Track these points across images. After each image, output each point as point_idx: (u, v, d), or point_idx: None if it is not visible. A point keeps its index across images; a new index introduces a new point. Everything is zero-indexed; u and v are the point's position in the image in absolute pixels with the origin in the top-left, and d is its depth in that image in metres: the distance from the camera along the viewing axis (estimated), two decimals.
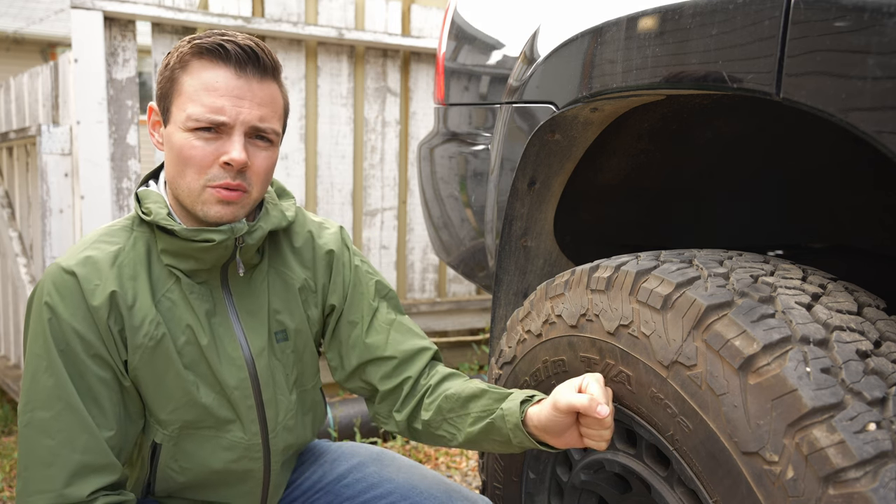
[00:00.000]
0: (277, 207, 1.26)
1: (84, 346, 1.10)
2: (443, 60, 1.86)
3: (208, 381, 1.19)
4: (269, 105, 1.13)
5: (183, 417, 1.19)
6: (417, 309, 3.43)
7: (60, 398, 1.09)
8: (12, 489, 2.50)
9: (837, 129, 0.96)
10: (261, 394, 1.23)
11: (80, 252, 1.14)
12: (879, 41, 0.78)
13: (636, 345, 1.03)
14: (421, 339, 1.34)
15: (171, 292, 1.17)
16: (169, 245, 1.15)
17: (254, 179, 1.13)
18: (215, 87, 1.09)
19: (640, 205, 1.68)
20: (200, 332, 1.17)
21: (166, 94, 1.13)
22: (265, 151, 1.14)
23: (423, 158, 2.03)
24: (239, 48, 1.09)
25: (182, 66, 1.11)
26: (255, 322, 1.23)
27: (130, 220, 1.20)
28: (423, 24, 3.36)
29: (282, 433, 1.28)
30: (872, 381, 0.83)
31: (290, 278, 1.28)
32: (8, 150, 3.36)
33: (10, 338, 3.41)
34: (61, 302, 1.10)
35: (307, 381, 1.33)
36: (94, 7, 2.60)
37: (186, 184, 1.12)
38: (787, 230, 1.78)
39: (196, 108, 1.08)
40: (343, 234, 1.38)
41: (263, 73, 1.12)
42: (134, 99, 2.74)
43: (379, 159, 3.34)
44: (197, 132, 1.09)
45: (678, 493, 1.05)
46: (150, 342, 1.14)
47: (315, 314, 1.32)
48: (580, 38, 1.26)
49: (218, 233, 1.12)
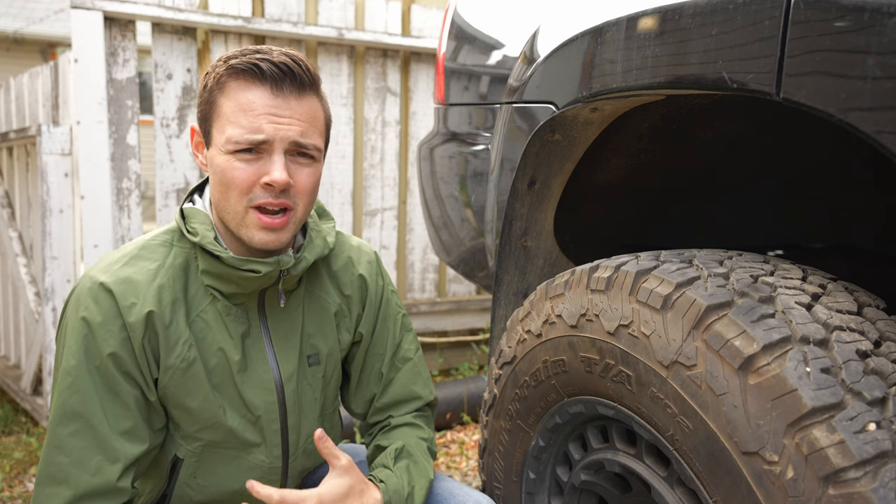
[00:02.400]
0: (321, 235, 1.25)
1: (117, 363, 1.09)
2: (443, 60, 1.86)
3: (235, 403, 1.19)
4: (309, 120, 1.11)
5: (208, 437, 1.18)
6: (417, 309, 3.43)
7: (82, 416, 1.08)
8: (12, 489, 2.50)
9: (837, 129, 0.96)
10: (286, 418, 1.24)
11: (118, 267, 1.13)
12: (879, 41, 0.78)
13: (636, 345, 1.03)
14: (423, 387, 1.39)
15: (206, 312, 1.16)
16: (212, 268, 1.14)
17: (298, 198, 1.12)
18: (252, 108, 1.07)
19: (640, 205, 1.68)
20: (234, 353, 1.17)
21: (206, 116, 1.13)
22: (308, 168, 1.12)
23: (423, 158, 2.03)
24: (274, 66, 1.07)
25: (219, 88, 1.10)
26: (288, 346, 1.23)
27: (171, 235, 1.18)
28: (423, 24, 3.36)
29: (301, 457, 1.29)
30: (872, 381, 0.83)
31: (327, 303, 1.29)
32: (8, 150, 3.36)
33: (10, 338, 3.41)
34: (99, 316, 1.09)
35: (329, 406, 1.35)
36: (94, 7, 2.60)
37: (231, 207, 1.10)
38: (787, 230, 1.78)
39: (235, 130, 1.07)
40: (378, 261, 1.39)
41: (301, 88, 1.10)
42: (134, 99, 2.74)
43: (379, 159, 3.34)
44: (237, 154, 1.08)
45: (678, 493, 1.05)
46: (183, 364, 1.13)
47: (346, 339, 1.33)
48: (580, 38, 1.26)
49: (264, 265, 1.12)
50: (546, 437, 1.31)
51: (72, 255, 2.80)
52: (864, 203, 1.60)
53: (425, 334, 3.53)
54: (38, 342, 2.87)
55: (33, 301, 3.01)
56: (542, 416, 1.29)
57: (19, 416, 3.15)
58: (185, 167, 2.88)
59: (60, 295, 2.76)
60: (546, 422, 1.29)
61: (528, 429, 1.33)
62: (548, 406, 1.27)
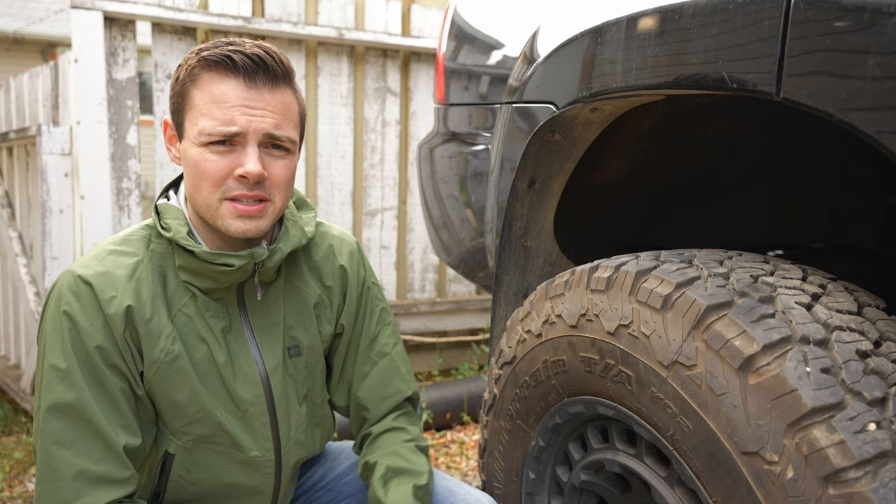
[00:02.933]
0: (297, 225, 1.25)
1: (103, 356, 1.09)
2: (443, 60, 1.86)
3: (221, 398, 1.18)
4: (283, 112, 1.11)
5: (197, 431, 1.18)
6: (417, 309, 3.43)
7: (77, 409, 1.07)
8: (12, 489, 2.50)
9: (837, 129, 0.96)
10: (275, 410, 1.23)
11: (96, 261, 1.12)
12: (879, 41, 0.78)
13: (636, 345, 1.03)
14: (401, 382, 1.37)
15: (187, 307, 1.16)
16: (187, 263, 1.14)
17: (274, 189, 1.11)
18: (225, 100, 1.06)
19: (640, 205, 1.68)
20: (217, 348, 1.17)
21: (179, 109, 1.12)
22: (282, 160, 1.12)
23: (423, 158, 2.03)
24: (247, 58, 1.06)
25: (192, 79, 1.09)
26: (270, 338, 1.23)
27: (148, 231, 1.18)
28: (423, 24, 3.36)
29: (293, 448, 1.28)
30: (872, 381, 0.83)
31: (306, 294, 1.28)
32: (8, 150, 3.36)
33: (9, 338, 3.41)
34: (81, 311, 1.08)
35: (317, 396, 1.34)
36: (94, 7, 2.60)
37: (203, 199, 1.10)
38: (787, 230, 1.78)
39: (207, 122, 1.07)
40: (360, 251, 1.38)
41: (274, 80, 1.09)
42: (134, 99, 2.74)
43: (379, 159, 3.34)
44: (210, 146, 1.07)
45: (678, 493, 1.05)
46: (167, 357, 1.13)
47: (327, 330, 1.32)
48: (580, 38, 1.26)
49: (237, 258, 1.11)
50: (546, 437, 1.31)
51: (72, 255, 2.80)
52: (864, 203, 1.60)
53: (425, 334, 3.53)
54: None
55: (33, 301, 3.01)
56: (542, 416, 1.29)
57: (19, 416, 3.15)
58: None
59: None
60: (546, 422, 1.29)
61: (528, 429, 1.33)
62: (548, 406, 1.27)
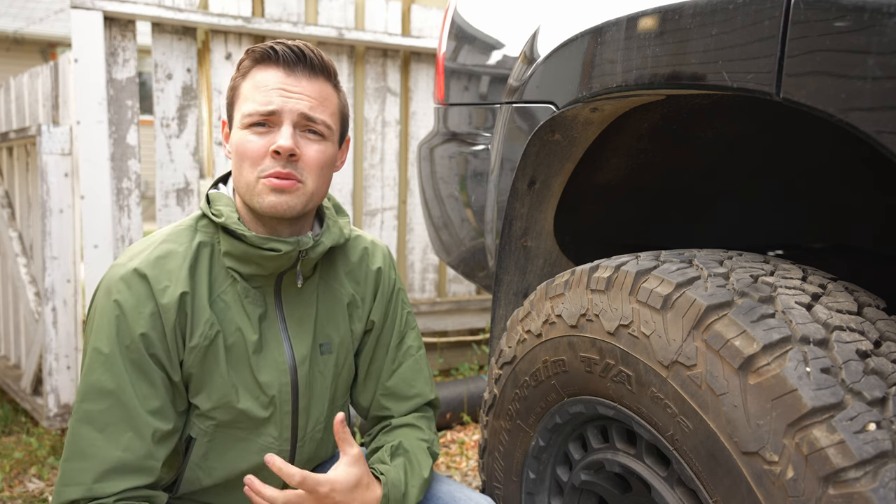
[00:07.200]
0: (337, 224, 1.31)
1: (147, 344, 1.12)
2: (443, 60, 1.86)
3: (248, 384, 1.21)
4: (319, 98, 1.17)
5: (220, 416, 1.21)
6: (417, 309, 3.43)
7: (113, 394, 1.10)
8: (12, 489, 2.50)
9: (837, 129, 0.96)
10: (298, 400, 1.26)
11: (147, 254, 1.17)
12: (879, 41, 0.78)
13: (636, 345, 1.03)
14: (424, 385, 1.41)
15: (226, 294, 1.20)
16: (234, 249, 1.18)
17: (306, 171, 1.16)
18: (266, 84, 1.14)
19: (640, 205, 1.68)
20: (251, 334, 1.20)
21: (231, 102, 1.20)
22: (316, 144, 1.17)
23: (423, 158, 2.03)
24: (288, 49, 1.15)
25: (242, 74, 1.18)
26: (302, 331, 1.26)
27: (194, 221, 1.23)
28: (423, 24, 3.36)
29: (309, 443, 1.31)
30: (872, 381, 0.83)
31: (340, 293, 1.33)
32: (8, 150, 3.35)
33: (10, 338, 3.41)
34: (132, 299, 1.12)
35: (339, 398, 1.37)
36: (94, 7, 2.60)
37: (245, 179, 1.16)
38: (787, 230, 1.78)
39: (249, 106, 1.14)
40: (391, 257, 1.44)
41: (313, 71, 1.17)
42: (134, 99, 2.74)
43: (379, 159, 3.34)
44: (252, 128, 1.14)
45: (678, 493, 1.05)
46: (205, 342, 1.17)
47: (358, 329, 1.36)
48: (580, 38, 1.26)
49: (284, 243, 1.16)
50: (546, 437, 1.31)
51: (72, 255, 2.80)
52: (864, 203, 1.60)
53: (425, 334, 3.52)
54: (37, 342, 2.87)
55: (33, 301, 3.01)
56: (542, 416, 1.29)
57: (19, 416, 3.15)
58: (185, 167, 2.88)
59: (60, 295, 2.76)
60: (546, 422, 1.29)
61: (528, 429, 1.33)
62: (548, 406, 1.28)
